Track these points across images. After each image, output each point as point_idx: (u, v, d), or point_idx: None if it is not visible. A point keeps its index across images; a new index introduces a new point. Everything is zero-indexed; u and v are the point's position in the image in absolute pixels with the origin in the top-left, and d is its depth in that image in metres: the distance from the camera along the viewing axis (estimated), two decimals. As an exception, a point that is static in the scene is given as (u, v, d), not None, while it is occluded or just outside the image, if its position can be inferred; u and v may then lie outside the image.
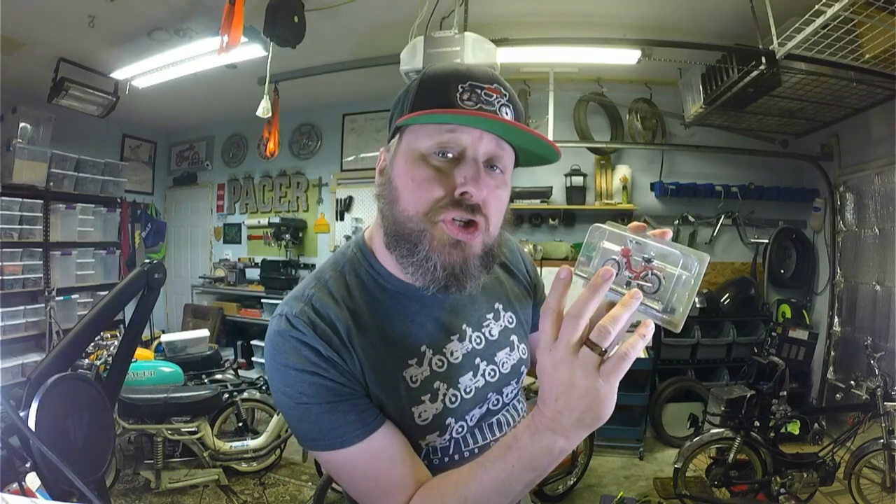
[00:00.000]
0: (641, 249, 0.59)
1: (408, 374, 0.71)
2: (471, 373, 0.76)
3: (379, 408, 0.69)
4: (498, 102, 0.66)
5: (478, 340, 0.78)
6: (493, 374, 0.79)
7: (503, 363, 0.81)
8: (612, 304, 0.53)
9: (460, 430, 0.75)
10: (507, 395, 0.82)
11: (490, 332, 0.80)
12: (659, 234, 0.57)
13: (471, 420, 0.76)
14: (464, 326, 0.77)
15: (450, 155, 0.65)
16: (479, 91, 0.65)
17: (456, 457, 0.74)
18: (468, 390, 0.75)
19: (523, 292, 0.90)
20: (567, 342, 0.51)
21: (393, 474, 0.67)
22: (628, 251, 0.59)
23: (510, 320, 0.84)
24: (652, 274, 0.58)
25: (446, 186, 0.64)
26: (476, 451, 0.75)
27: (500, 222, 0.70)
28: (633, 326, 0.56)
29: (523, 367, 0.85)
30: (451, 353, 0.75)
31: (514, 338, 0.84)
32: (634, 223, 0.59)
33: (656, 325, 0.55)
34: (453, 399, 0.73)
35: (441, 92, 0.65)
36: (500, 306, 0.84)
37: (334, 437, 0.65)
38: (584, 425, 0.54)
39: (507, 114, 0.66)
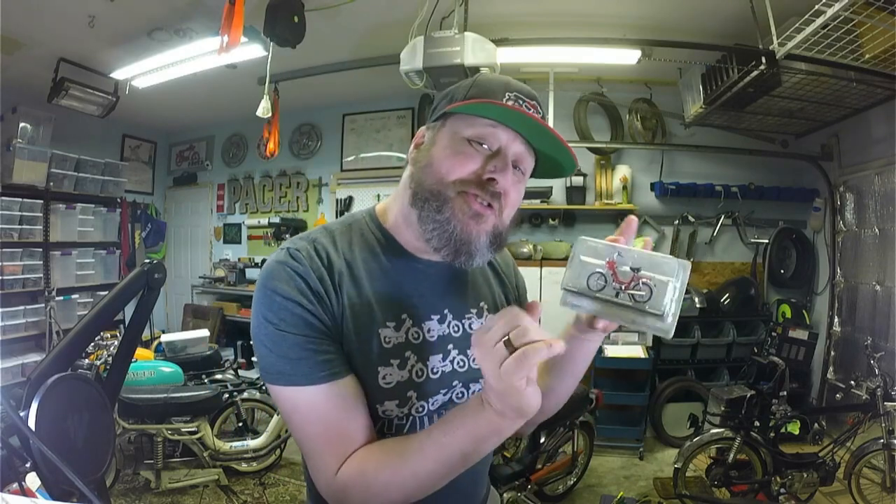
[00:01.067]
0: (626, 260, 0.61)
1: (383, 333, 0.74)
2: (441, 355, 0.79)
3: (348, 359, 0.72)
4: (529, 106, 0.75)
5: (456, 328, 0.81)
6: (462, 364, 0.81)
7: (474, 358, 0.81)
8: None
9: (420, 409, 0.77)
10: (472, 391, 0.83)
11: (470, 325, 0.83)
12: (643, 246, 0.63)
13: (433, 405, 0.78)
14: (446, 311, 0.81)
15: (485, 147, 0.73)
16: (521, 101, 0.73)
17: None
18: (435, 370, 0.78)
19: (506, 301, 0.93)
20: (490, 337, 0.56)
21: (344, 424, 0.69)
22: (613, 263, 0.61)
23: None
24: (643, 283, 0.60)
25: (478, 168, 0.72)
26: None
27: (511, 214, 0.77)
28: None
29: None
30: (428, 331, 0.78)
31: None
32: (610, 237, 0.66)
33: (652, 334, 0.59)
34: (420, 373, 0.76)
35: (491, 93, 0.73)
36: (485, 306, 0.87)
37: (299, 372, 0.68)
38: (508, 413, 0.58)
39: (521, 103, 0.75)
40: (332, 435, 0.69)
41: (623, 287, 0.61)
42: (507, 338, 0.55)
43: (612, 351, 3.54)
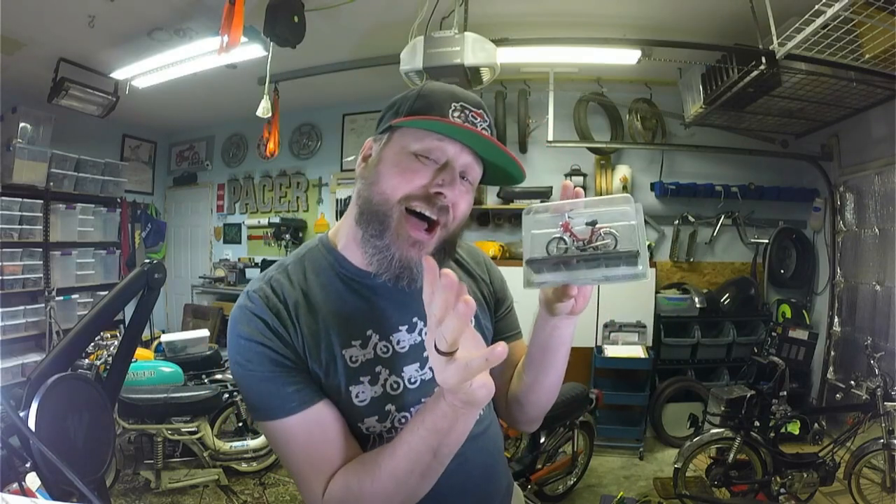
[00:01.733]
0: (579, 218, 0.61)
1: (347, 354, 0.75)
2: (417, 364, 0.79)
3: (318, 385, 0.74)
4: (481, 125, 0.75)
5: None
6: None
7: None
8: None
9: (403, 420, 0.77)
10: None
11: None
12: (574, 195, 0.66)
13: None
14: (414, 319, 0.81)
15: (432, 159, 0.73)
16: (467, 112, 0.75)
17: None
18: (413, 380, 0.78)
19: (483, 300, 0.92)
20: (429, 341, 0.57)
21: (323, 451, 0.71)
22: (568, 224, 0.61)
23: None
24: (604, 233, 0.59)
25: (426, 182, 0.72)
26: None
27: (461, 224, 0.78)
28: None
29: None
30: (398, 342, 0.79)
31: None
32: (564, 191, 0.67)
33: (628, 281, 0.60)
34: (395, 386, 0.77)
35: (437, 106, 0.74)
36: None
37: (272, 406, 0.71)
38: (459, 406, 0.60)
39: (467, 119, 0.76)
40: (313, 460, 0.71)
41: (585, 242, 0.60)
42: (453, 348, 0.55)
43: (611, 351, 3.54)
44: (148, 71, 3.41)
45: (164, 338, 3.40)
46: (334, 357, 0.74)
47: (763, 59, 2.56)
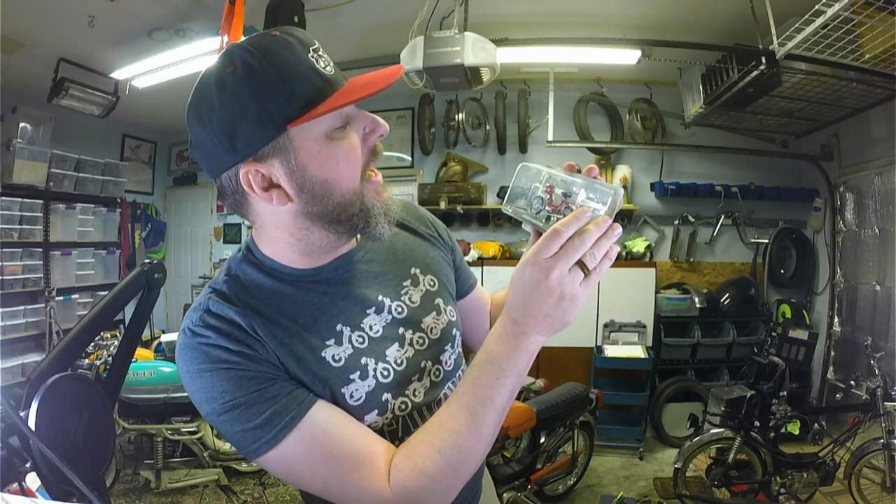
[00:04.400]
0: (562, 186, 0.64)
1: (328, 355, 0.69)
2: (396, 343, 0.75)
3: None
4: (328, 57, 0.66)
5: (398, 309, 0.76)
6: (421, 341, 0.77)
7: (431, 329, 0.79)
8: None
9: (403, 406, 0.73)
10: (447, 364, 0.80)
11: (410, 298, 0.78)
12: (586, 172, 0.64)
13: (415, 396, 0.75)
14: (380, 297, 0.75)
15: (344, 119, 0.65)
16: (321, 53, 0.64)
17: (406, 438, 0.69)
18: (399, 362, 0.74)
19: (440, 255, 0.88)
20: (547, 250, 0.58)
21: (352, 444, 0.63)
22: (551, 188, 0.64)
23: (431, 283, 0.82)
24: (567, 207, 0.63)
25: (363, 147, 0.67)
26: None
27: None
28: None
29: (454, 329, 0.83)
30: (371, 328, 0.73)
31: (438, 301, 0.82)
32: (567, 163, 0.66)
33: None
34: (385, 373, 0.72)
35: (305, 68, 0.61)
36: (417, 270, 0.82)
37: (272, 427, 0.61)
38: (551, 327, 0.61)
39: (329, 64, 0.66)
40: (346, 463, 0.62)
41: (552, 211, 0.63)
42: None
43: (612, 351, 3.54)
44: (148, 71, 3.40)
45: (164, 338, 3.41)
46: (317, 362, 0.68)
47: (763, 59, 2.56)
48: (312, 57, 0.62)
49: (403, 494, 0.61)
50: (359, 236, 0.75)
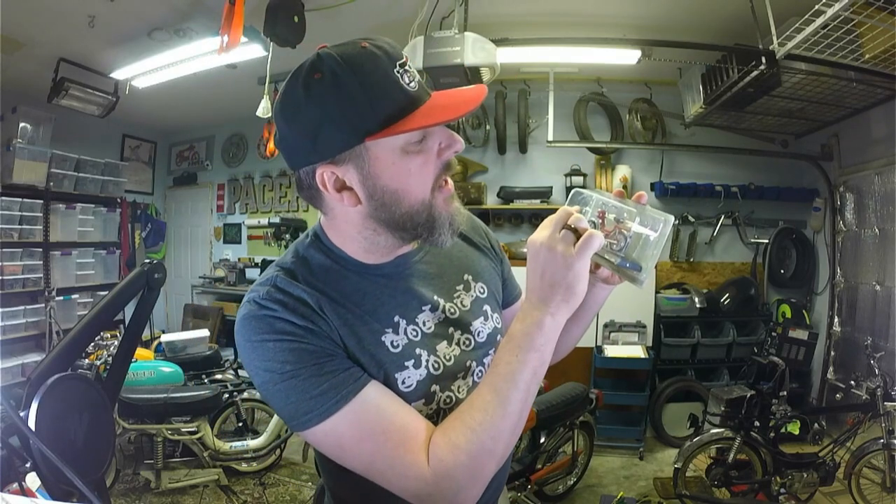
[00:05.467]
0: (614, 211, 0.68)
1: (387, 340, 0.73)
2: (446, 341, 0.79)
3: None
4: (415, 71, 0.68)
5: (451, 310, 0.81)
6: (468, 342, 0.81)
7: (478, 332, 0.83)
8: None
9: (448, 400, 0.77)
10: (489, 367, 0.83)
11: (462, 302, 0.83)
12: (636, 198, 0.69)
13: (459, 392, 0.78)
14: (435, 297, 0.80)
15: (421, 134, 0.67)
16: (407, 67, 0.66)
17: None
18: (448, 358, 0.78)
19: (491, 265, 0.92)
20: (555, 223, 0.66)
21: (400, 421, 0.66)
22: (603, 213, 0.68)
23: (481, 290, 0.87)
24: (619, 233, 0.66)
25: (437, 161, 0.69)
26: None
27: None
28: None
29: (499, 336, 0.86)
30: (424, 323, 0.77)
31: (486, 307, 0.86)
32: (617, 190, 0.71)
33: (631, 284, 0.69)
34: (436, 366, 0.76)
35: (389, 84, 0.63)
36: (469, 277, 0.86)
37: (327, 399, 0.64)
38: (564, 299, 0.65)
39: (414, 79, 0.67)
40: (394, 438, 0.65)
41: (605, 235, 0.66)
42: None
43: (612, 351, 3.54)
44: (148, 71, 3.41)
45: (164, 338, 3.41)
46: (377, 345, 0.71)
47: (763, 59, 2.56)
48: (398, 72, 0.64)
49: (440, 467, 0.63)
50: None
